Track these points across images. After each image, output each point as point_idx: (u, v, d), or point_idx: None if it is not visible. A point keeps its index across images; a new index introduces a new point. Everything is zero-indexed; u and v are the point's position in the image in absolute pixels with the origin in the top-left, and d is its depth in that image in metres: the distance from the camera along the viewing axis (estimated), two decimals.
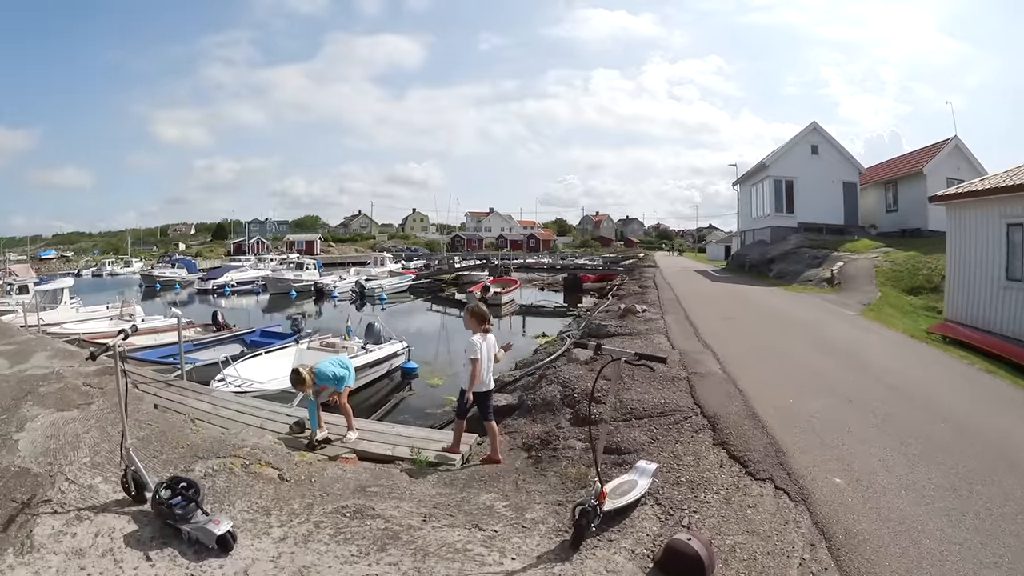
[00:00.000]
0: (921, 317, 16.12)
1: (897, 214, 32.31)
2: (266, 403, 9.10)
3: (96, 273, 74.87)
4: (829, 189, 32.84)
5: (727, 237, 70.12)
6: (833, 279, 22.05)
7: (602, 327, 12.83)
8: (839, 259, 24.28)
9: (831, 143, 33.90)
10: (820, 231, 31.39)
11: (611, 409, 5.06)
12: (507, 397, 9.02)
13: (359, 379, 13.16)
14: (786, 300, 19.00)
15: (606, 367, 4.78)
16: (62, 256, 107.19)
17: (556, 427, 7.26)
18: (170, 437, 6.16)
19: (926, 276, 20.05)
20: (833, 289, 21.11)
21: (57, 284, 23.81)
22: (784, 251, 28.41)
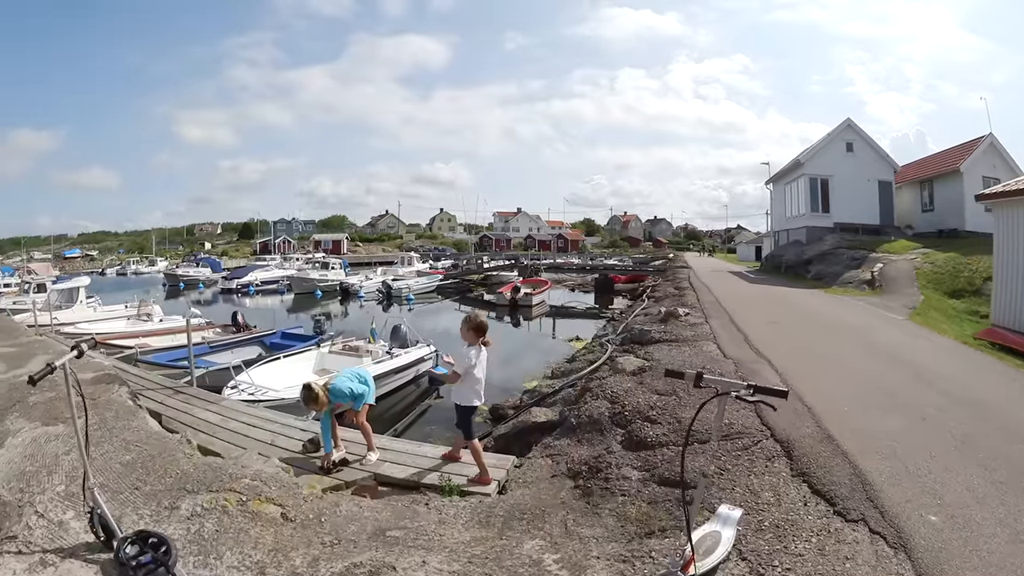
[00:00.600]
0: (965, 322, 15.23)
1: (933, 214, 31.17)
2: (279, 415, 8.23)
3: (120, 272, 75.21)
4: (864, 188, 31.73)
5: (757, 238, 68.98)
6: (874, 281, 21.17)
7: (645, 332, 11.80)
8: (878, 260, 23.40)
9: (866, 140, 32.79)
10: (856, 231, 30.23)
11: (712, 458, 4.03)
12: (547, 412, 8.04)
13: (383, 386, 12.33)
14: (829, 303, 18.12)
15: (708, 403, 3.73)
16: (87, 255, 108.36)
17: (606, 451, 6.29)
18: (158, 463, 5.28)
19: (967, 278, 19.28)
20: (874, 292, 20.25)
21: (73, 283, 23.25)
22: (821, 252, 27.51)
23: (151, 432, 6.12)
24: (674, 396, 7.36)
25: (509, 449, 7.61)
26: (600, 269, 48.91)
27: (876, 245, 26.12)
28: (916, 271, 21.17)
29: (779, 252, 34.73)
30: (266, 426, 7.72)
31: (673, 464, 5.70)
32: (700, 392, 7.41)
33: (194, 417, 8.25)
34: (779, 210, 38.69)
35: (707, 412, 6.46)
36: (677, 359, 9.26)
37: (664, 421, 6.65)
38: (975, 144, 29.41)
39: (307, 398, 6.14)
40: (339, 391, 6.19)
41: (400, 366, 13.20)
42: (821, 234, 30.78)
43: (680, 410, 6.88)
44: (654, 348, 10.43)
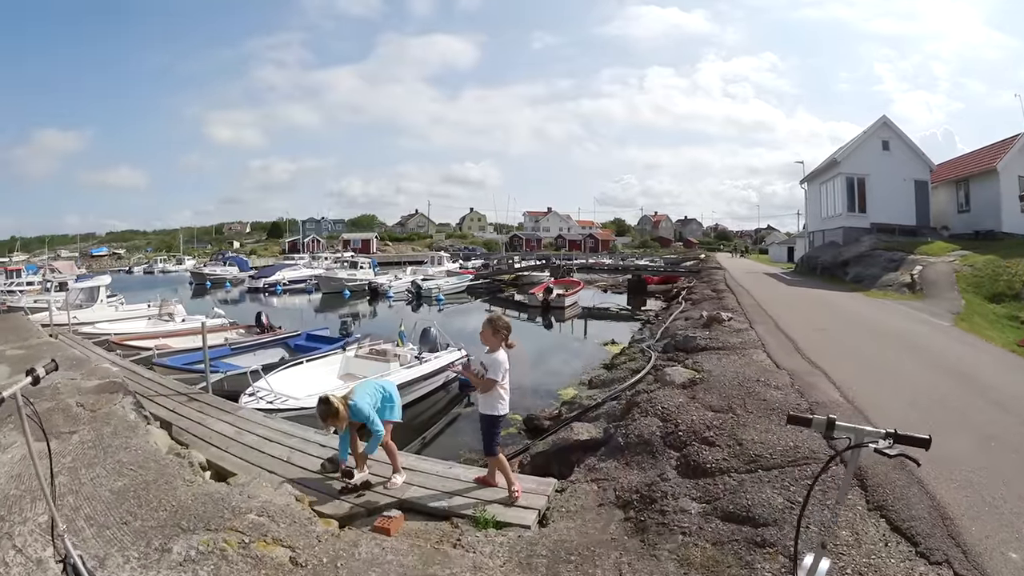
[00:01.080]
0: (1007, 328, 14.44)
1: (969, 215, 29.71)
2: (298, 428, 7.60)
3: (148, 270, 75.81)
4: (901, 188, 30.36)
5: (789, 238, 67.71)
6: (914, 285, 20.37)
7: (690, 339, 10.99)
8: (917, 263, 22.47)
9: (901, 138, 31.18)
10: (892, 232, 29.16)
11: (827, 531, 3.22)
12: (590, 429, 7.26)
13: (410, 392, 11.69)
14: (873, 308, 17.32)
15: (838, 456, 2.88)
16: (114, 253, 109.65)
17: (660, 477, 5.55)
18: (154, 491, 4.64)
19: (1007, 282, 18.41)
20: (915, 295, 19.45)
21: (93, 282, 22.91)
22: (858, 253, 26.56)
23: (150, 452, 5.49)
24: (731, 414, 6.63)
25: (548, 469, 6.91)
26: (632, 270, 47.93)
27: (914, 247, 25.29)
28: (955, 274, 20.44)
29: (815, 253, 33.52)
30: (283, 440, 7.10)
31: (737, 495, 4.99)
32: (760, 410, 6.72)
33: (207, 428, 7.68)
34: (814, 210, 37.37)
35: (768, 433, 5.74)
36: (729, 370, 8.47)
37: (723, 443, 5.91)
38: (1010, 143, 28.16)
39: (324, 413, 5.46)
40: (358, 410, 5.51)
41: (429, 372, 12.50)
42: (858, 235, 29.73)
43: (740, 431, 6.14)
44: (701, 357, 9.64)
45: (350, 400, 5.50)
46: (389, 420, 5.84)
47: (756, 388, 7.48)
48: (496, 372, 5.25)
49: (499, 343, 5.31)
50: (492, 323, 5.34)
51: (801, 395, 7.38)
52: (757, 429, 6.17)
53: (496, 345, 5.31)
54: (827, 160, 35.03)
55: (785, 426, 6.24)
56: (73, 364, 9.07)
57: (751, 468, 5.47)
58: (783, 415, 6.57)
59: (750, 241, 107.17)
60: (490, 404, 5.37)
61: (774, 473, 5.38)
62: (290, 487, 5.23)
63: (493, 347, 5.32)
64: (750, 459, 5.60)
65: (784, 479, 5.26)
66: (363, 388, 5.82)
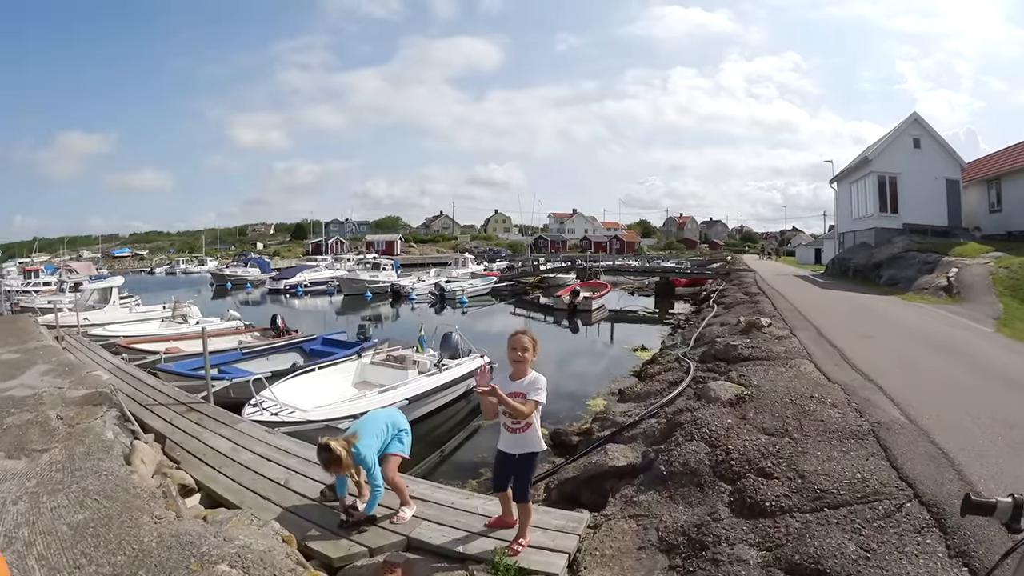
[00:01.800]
0: None
1: (1001, 215, 28.74)
2: (300, 445, 6.90)
3: (169, 271, 76.21)
4: (932, 187, 29.60)
5: (815, 240, 66.67)
6: (951, 288, 19.77)
7: (731, 348, 10.13)
8: (952, 265, 21.91)
9: (933, 136, 30.54)
10: (925, 233, 28.19)
11: None
12: (626, 452, 6.41)
13: (429, 403, 11.03)
14: (911, 313, 16.52)
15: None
16: (136, 254, 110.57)
17: (711, 516, 4.75)
18: (115, 528, 3.94)
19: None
20: (952, 299, 18.80)
21: (106, 283, 22.53)
22: (891, 255, 25.74)
23: (120, 478, 4.78)
24: (787, 438, 5.82)
25: (578, 497, 6.12)
26: (659, 271, 47.00)
27: (947, 248, 24.51)
28: (992, 277, 19.83)
29: (847, 255, 32.64)
30: (282, 460, 6.41)
31: (803, 542, 4.21)
32: (818, 433, 5.90)
33: (202, 444, 7.05)
34: (844, 210, 36.44)
35: (831, 462, 4.98)
36: (778, 384, 7.63)
37: (782, 475, 5.11)
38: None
39: (326, 460, 4.73)
40: (363, 459, 4.80)
41: (450, 381, 11.74)
42: (889, 236, 28.86)
43: (800, 459, 5.34)
44: (746, 368, 8.80)
45: (354, 444, 4.75)
46: (396, 454, 5.11)
47: (811, 406, 6.67)
48: (542, 392, 4.34)
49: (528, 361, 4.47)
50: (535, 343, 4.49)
51: (860, 414, 6.56)
52: (818, 457, 5.38)
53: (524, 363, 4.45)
54: (858, 159, 34.18)
55: (850, 454, 5.48)
56: (65, 371, 8.47)
57: (816, 506, 4.68)
58: (844, 438, 5.81)
59: (775, 243, 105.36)
60: (535, 440, 4.46)
61: (842, 513, 4.60)
62: (277, 525, 4.49)
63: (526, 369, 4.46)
64: (814, 495, 4.80)
65: (854, 520, 4.49)
66: (369, 427, 5.07)
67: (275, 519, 4.89)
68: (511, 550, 4.36)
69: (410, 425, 5.61)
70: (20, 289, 33.24)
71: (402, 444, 5.20)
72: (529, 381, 4.35)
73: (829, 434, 5.89)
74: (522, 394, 4.32)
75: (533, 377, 4.37)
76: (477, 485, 8.05)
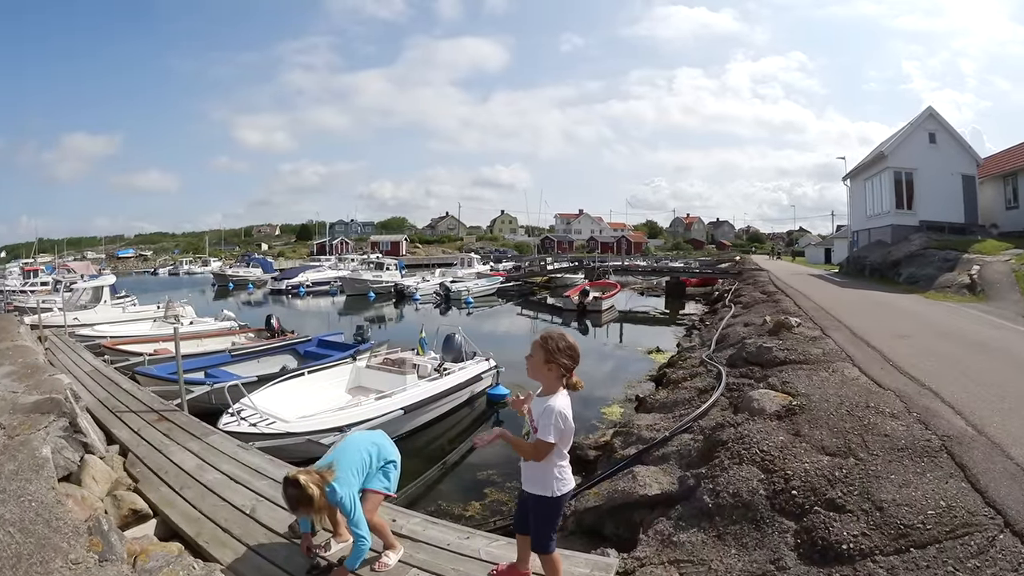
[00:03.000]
0: None
1: (1018, 211, 27.79)
2: (274, 464, 5.94)
3: (172, 272, 75.58)
4: (948, 183, 28.53)
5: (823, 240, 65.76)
6: (974, 286, 18.99)
7: (764, 350, 9.08)
8: (972, 262, 21.08)
9: (948, 131, 29.28)
10: (942, 230, 27.27)
11: None
12: (659, 476, 5.32)
13: (431, 410, 10.15)
14: (939, 311, 15.61)
15: None
16: (140, 255, 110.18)
17: (774, 564, 3.76)
18: (20, 574, 2.97)
19: None
20: (977, 297, 18.05)
21: (97, 282, 21.74)
22: (910, 253, 24.95)
23: (44, 507, 3.83)
24: (853, 458, 4.83)
25: (600, 531, 5.12)
26: (668, 271, 46.10)
27: (966, 245, 23.69)
28: (1015, 274, 19.16)
29: (863, 253, 31.55)
30: (252, 482, 5.46)
31: None
32: (885, 451, 4.91)
33: (167, 459, 6.15)
34: (859, 208, 35.39)
35: (909, 488, 4.02)
36: (828, 392, 6.62)
37: (855, 507, 4.13)
38: None
39: (295, 500, 3.66)
40: (340, 502, 3.72)
41: (452, 387, 10.74)
42: (906, 233, 27.92)
43: (872, 485, 4.38)
44: (785, 373, 7.78)
45: (329, 482, 3.72)
46: (379, 491, 4.10)
47: (869, 417, 5.68)
48: (549, 428, 3.24)
49: (558, 378, 3.34)
50: (547, 343, 3.34)
51: (925, 426, 5.57)
52: (893, 482, 4.41)
53: (552, 382, 3.35)
54: (872, 154, 33.25)
55: (926, 476, 4.52)
56: (27, 373, 7.53)
57: (901, 546, 3.75)
58: (915, 456, 4.90)
59: (783, 243, 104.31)
60: (543, 479, 3.38)
61: (931, 553, 3.71)
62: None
63: (548, 385, 3.37)
64: (897, 532, 3.86)
65: (946, 561, 3.62)
66: (349, 457, 3.99)
67: (231, 562, 3.95)
68: None
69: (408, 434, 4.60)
70: (17, 289, 32.63)
71: (387, 480, 4.16)
72: (543, 408, 3.31)
73: (898, 452, 4.93)
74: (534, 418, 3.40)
75: (547, 404, 3.29)
76: (481, 508, 7.07)
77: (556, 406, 3.26)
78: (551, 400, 3.28)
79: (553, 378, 3.32)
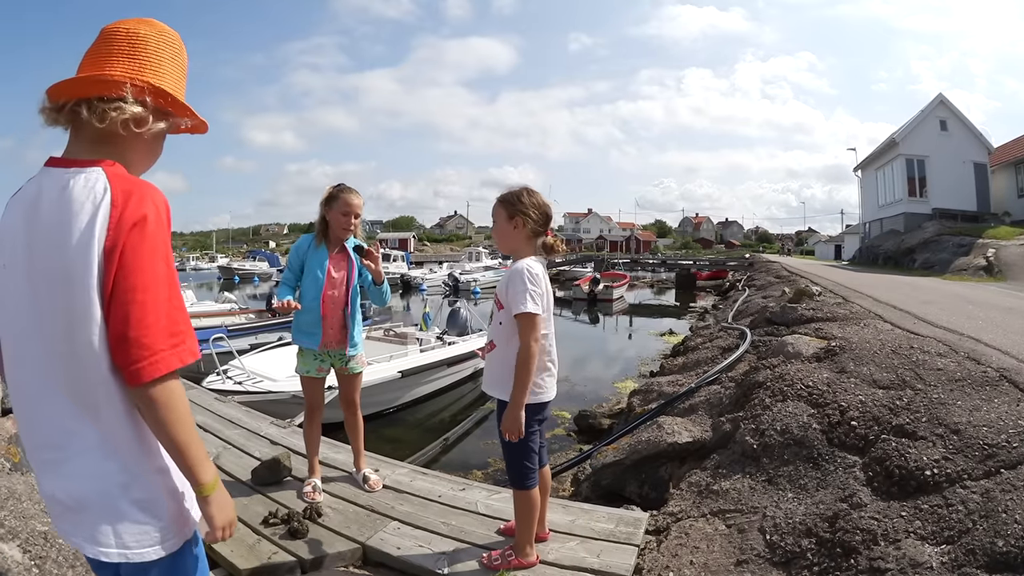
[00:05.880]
0: None
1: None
2: (251, 416, 5.32)
3: (180, 268, 75.16)
4: (960, 171, 28.17)
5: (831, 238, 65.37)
6: (992, 267, 19.15)
7: (789, 309, 8.32)
8: (988, 246, 21.16)
9: (959, 118, 29.11)
10: (955, 218, 26.77)
11: None
12: (688, 426, 4.58)
13: (432, 381, 9.54)
14: (961, 287, 15.01)
15: None
16: None
17: (846, 501, 3.03)
18: None
19: None
20: (994, 278, 18.00)
21: None
22: (923, 240, 24.67)
23: None
24: (910, 389, 4.11)
25: (621, 491, 4.38)
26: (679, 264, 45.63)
27: (979, 232, 23.54)
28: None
29: (875, 243, 31.31)
30: (223, 431, 4.81)
31: (995, 519, 2.64)
32: (944, 381, 4.29)
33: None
34: (871, 198, 34.85)
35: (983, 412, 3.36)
36: (867, 337, 5.89)
37: (927, 431, 3.44)
38: None
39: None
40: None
41: (453, 357, 9.98)
42: (919, 221, 27.56)
43: (940, 411, 3.68)
44: (815, 326, 7.07)
45: None
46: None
47: (916, 356, 4.95)
48: (524, 296, 2.51)
49: (528, 240, 2.69)
50: (507, 197, 2.70)
51: (977, 362, 4.83)
52: (961, 408, 3.71)
53: (522, 245, 2.69)
54: (885, 142, 32.62)
55: (994, 401, 3.83)
56: None
57: (990, 468, 3.02)
58: (976, 385, 4.13)
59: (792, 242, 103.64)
60: (496, 371, 2.70)
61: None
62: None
63: (518, 250, 2.70)
64: (983, 454, 3.15)
65: None
66: None
67: None
68: (487, 560, 2.78)
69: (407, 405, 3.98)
70: None
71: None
72: (513, 272, 2.61)
73: (957, 382, 4.21)
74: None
75: (515, 269, 2.60)
76: (484, 478, 6.35)
77: (521, 264, 2.59)
78: (522, 264, 2.60)
79: (522, 239, 2.67)
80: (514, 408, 2.48)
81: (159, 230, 1.21)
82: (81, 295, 1.15)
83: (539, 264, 2.64)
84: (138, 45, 1.29)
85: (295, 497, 3.45)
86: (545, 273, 2.64)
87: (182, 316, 1.22)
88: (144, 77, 1.26)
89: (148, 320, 1.14)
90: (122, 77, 1.23)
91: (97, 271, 1.15)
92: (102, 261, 1.15)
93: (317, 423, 3.65)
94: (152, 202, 1.21)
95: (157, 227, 1.20)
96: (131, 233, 1.16)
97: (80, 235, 1.15)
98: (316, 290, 3.47)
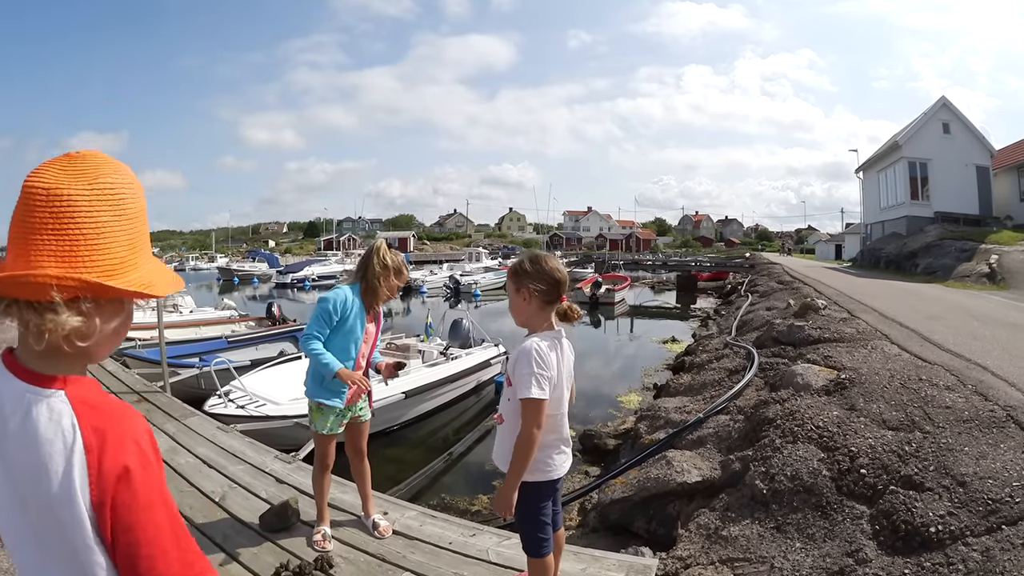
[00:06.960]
0: None
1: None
2: (255, 448, 5.27)
3: (179, 268, 74.97)
4: (963, 174, 28.09)
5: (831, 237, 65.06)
6: (994, 274, 18.94)
7: (796, 329, 8.33)
8: (991, 252, 20.92)
9: (962, 121, 29.05)
10: (957, 222, 26.68)
11: None
12: (697, 462, 4.53)
13: (436, 396, 9.53)
14: (963, 297, 15.09)
15: None
16: None
17: (851, 556, 3.05)
18: None
19: None
20: (997, 286, 17.91)
21: None
22: (926, 244, 24.47)
23: None
24: (919, 431, 4.13)
25: (629, 527, 4.39)
26: (682, 266, 45.46)
27: (982, 236, 23.34)
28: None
29: (877, 246, 31.17)
30: (228, 467, 4.77)
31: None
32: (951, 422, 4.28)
33: None
34: (872, 200, 34.78)
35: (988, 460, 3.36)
36: (876, 365, 5.90)
37: (934, 484, 3.46)
38: None
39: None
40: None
41: (458, 372, 10.03)
42: (921, 224, 27.47)
43: (948, 459, 3.72)
44: (822, 350, 7.07)
45: None
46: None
47: (925, 390, 5.00)
48: (529, 379, 2.34)
49: (539, 311, 2.50)
50: (513, 267, 2.58)
51: (984, 397, 4.87)
52: (968, 454, 3.76)
53: (535, 318, 2.53)
54: (887, 144, 32.54)
55: (1000, 447, 3.86)
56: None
57: (992, 524, 3.08)
58: (983, 427, 4.17)
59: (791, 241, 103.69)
60: (505, 445, 2.54)
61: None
62: None
63: (532, 323, 2.55)
64: (986, 509, 3.21)
65: None
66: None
67: None
68: None
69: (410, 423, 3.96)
70: None
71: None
72: (522, 352, 2.45)
73: (964, 423, 4.26)
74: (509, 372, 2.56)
75: (524, 348, 2.44)
76: (490, 502, 6.34)
77: (530, 344, 2.43)
78: (531, 341, 2.45)
79: (533, 313, 2.51)
80: (505, 489, 2.42)
81: (148, 475, 1.03)
82: (81, 547, 1.01)
83: (552, 337, 2.51)
84: (63, 217, 0.98)
85: (305, 545, 3.44)
86: (560, 345, 2.53)
87: (192, 553, 1.10)
88: (76, 273, 0.97)
89: (159, 569, 1.03)
90: (45, 278, 0.94)
91: (90, 524, 1.00)
92: (93, 514, 1.00)
93: (328, 473, 3.63)
94: (132, 444, 1.02)
95: (145, 474, 1.02)
96: (118, 489, 1.00)
97: (59, 486, 0.98)
98: (356, 350, 3.43)
